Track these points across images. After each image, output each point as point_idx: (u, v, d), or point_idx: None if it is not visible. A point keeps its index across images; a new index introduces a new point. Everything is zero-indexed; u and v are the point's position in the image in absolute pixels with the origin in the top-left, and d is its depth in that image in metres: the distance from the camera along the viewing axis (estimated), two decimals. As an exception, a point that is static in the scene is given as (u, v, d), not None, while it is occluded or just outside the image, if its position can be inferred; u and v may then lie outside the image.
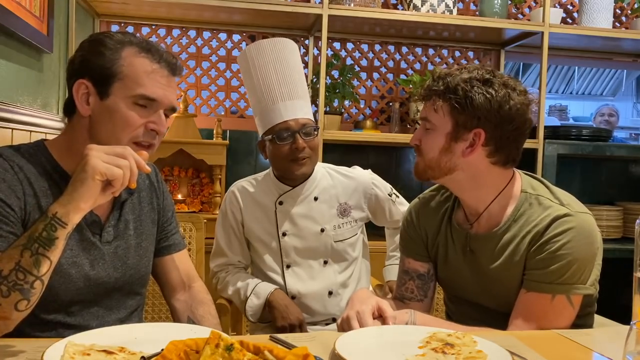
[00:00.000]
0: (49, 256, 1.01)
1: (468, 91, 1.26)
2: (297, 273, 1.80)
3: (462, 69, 1.31)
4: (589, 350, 1.08)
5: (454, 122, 1.28)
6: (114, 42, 1.18)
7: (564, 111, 6.57)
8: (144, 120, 1.18)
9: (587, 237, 1.25)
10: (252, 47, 1.77)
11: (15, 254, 1.00)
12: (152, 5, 2.68)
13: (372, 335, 1.12)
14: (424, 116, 1.34)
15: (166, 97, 1.19)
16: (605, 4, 2.97)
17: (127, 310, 1.31)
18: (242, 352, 0.81)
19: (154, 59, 1.18)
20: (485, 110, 1.25)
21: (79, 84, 1.17)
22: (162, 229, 1.41)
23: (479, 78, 1.27)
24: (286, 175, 1.76)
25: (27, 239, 1.01)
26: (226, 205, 1.84)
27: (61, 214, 1.03)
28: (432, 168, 1.34)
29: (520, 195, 1.34)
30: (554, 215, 1.26)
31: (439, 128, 1.30)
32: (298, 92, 1.73)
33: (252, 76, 1.75)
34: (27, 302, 1.01)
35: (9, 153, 1.16)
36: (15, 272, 0.98)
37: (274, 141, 1.70)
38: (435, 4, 2.81)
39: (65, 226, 1.03)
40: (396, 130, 3.03)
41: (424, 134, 1.35)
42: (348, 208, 1.82)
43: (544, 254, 1.25)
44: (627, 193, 3.33)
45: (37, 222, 1.03)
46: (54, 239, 1.02)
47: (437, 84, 1.31)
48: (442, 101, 1.29)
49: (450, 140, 1.29)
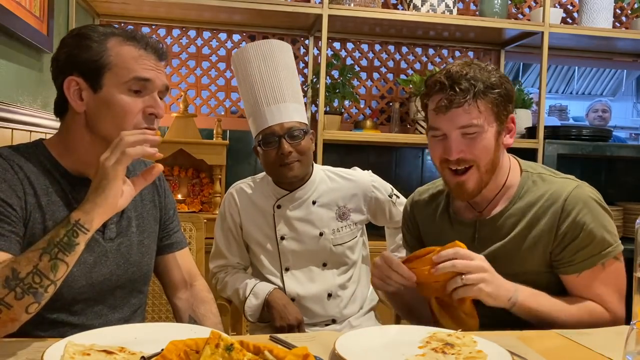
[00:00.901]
0: (67, 261, 1.03)
1: (502, 82, 1.28)
2: (296, 276, 1.79)
3: (463, 65, 1.29)
4: (589, 350, 1.08)
5: (497, 116, 1.28)
6: (98, 34, 1.17)
7: (564, 111, 6.56)
8: (141, 106, 1.18)
9: (600, 202, 1.32)
10: (237, 53, 1.78)
11: (34, 257, 1.01)
12: (152, 5, 2.68)
13: (372, 336, 1.12)
14: (467, 123, 1.25)
15: (158, 78, 1.20)
16: (605, 4, 2.97)
17: (130, 309, 1.31)
18: (242, 352, 0.82)
19: (140, 45, 1.19)
20: (510, 94, 1.30)
21: (69, 81, 1.17)
22: (164, 227, 1.41)
23: (491, 70, 1.30)
24: (279, 179, 1.76)
25: (47, 243, 1.02)
26: (225, 208, 1.83)
27: (84, 221, 1.04)
28: (488, 172, 1.30)
29: (522, 174, 1.37)
30: (565, 194, 1.30)
31: (487, 128, 1.27)
32: (284, 95, 1.71)
33: (240, 80, 1.77)
34: (37, 305, 1.02)
35: (8, 153, 1.16)
36: (32, 275, 0.99)
37: (261, 146, 1.71)
38: (435, 4, 2.81)
39: (87, 232, 1.05)
40: (396, 130, 3.03)
41: (467, 141, 1.27)
42: (347, 211, 1.81)
43: (575, 239, 1.28)
44: (627, 193, 3.32)
45: (58, 228, 1.04)
46: (75, 244, 1.04)
47: (470, 84, 1.25)
48: (485, 99, 1.26)
49: (497, 134, 1.29)
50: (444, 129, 1.28)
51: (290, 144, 1.67)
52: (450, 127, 1.27)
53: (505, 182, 1.37)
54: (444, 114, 1.26)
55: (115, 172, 1.06)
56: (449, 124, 1.27)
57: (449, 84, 1.26)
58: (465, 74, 1.26)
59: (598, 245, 1.28)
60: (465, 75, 1.26)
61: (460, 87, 1.24)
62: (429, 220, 1.49)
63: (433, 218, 1.48)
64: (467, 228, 1.40)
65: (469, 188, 1.30)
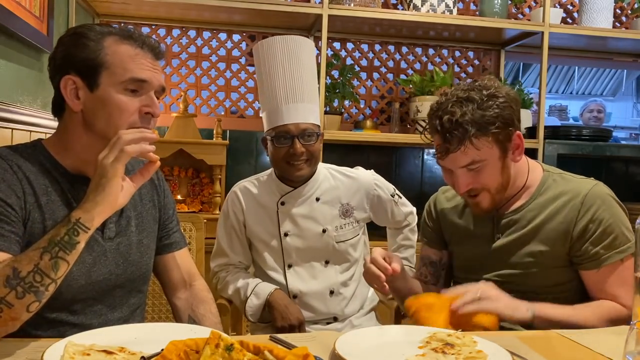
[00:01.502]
0: (67, 260, 1.03)
1: (495, 111, 1.29)
2: (299, 273, 1.80)
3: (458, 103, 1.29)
4: (589, 350, 1.08)
5: (499, 144, 1.31)
6: (95, 33, 1.17)
7: (564, 111, 6.57)
8: (138, 105, 1.17)
9: (616, 199, 1.38)
10: (263, 42, 1.76)
11: (35, 256, 1.01)
12: (152, 5, 2.68)
13: (372, 336, 1.12)
14: (467, 163, 1.30)
15: (155, 78, 1.19)
16: (605, 4, 2.97)
17: (130, 309, 1.31)
18: (242, 352, 0.82)
19: (137, 44, 1.18)
20: (512, 116, 1.32)
21: (66, 80, 1.17)
22: (163, 226, 1.41)
23: (485, 95, 1.30)
24: (284, 175, 1.77)
25: (47, 242, 1.02)
26: (228, 206, 1.83)
27: (85, 219, 1.05)
28: (500, 192, 1.37)
29: (544, 173, 1.44)
30: (584, 191, 1.36)
31: (489, 158, 1.31)
32: (304, 95, 1.71)
33: (262, 72, 1.76)
34: (38, 303, 1.02)
35: (7, 153, 1.16)
36: (33, 274, 0.99)
37: (273, 142, 1.71)
38: (435, 4, 2.81)
39: (87, 230, 1.05)
40: (396, 130, 3.03)
41: (472, 175, 1.33)
42: (350, 209, 1.82)
43: (594, 234, 1.33)
44: (627, 193, 3.32)
45: (59, 227, 1.04)
46: (76, 243, 1.04)
47: (462, 129, 1.27)
48: (481, 138, 1.28)
49: (502, 158, 1.33)
50: (448, 167, 1.36)
51: (303, 144, 1.68)
52: (453, 167, 1.34)
53: (525, 183, 1.43)
54: (445, 158, 1.33)
55: (115, 170, 1.06)
56: (451, 164, 1.34)
57: (442, 132, 1.30)
58: (458, 119, 1.27)
59: (617, 240, 1.33)
60: (458, 120, 1.27)
61: (453, 135, 1.28)
62: (452, 215, 1.55)
63: (455, 213, 1.54)
64: (487, 223, 1.45)
65: (483, 207, 1.38)
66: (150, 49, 1.20)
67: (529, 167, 1.44)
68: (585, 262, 1.35)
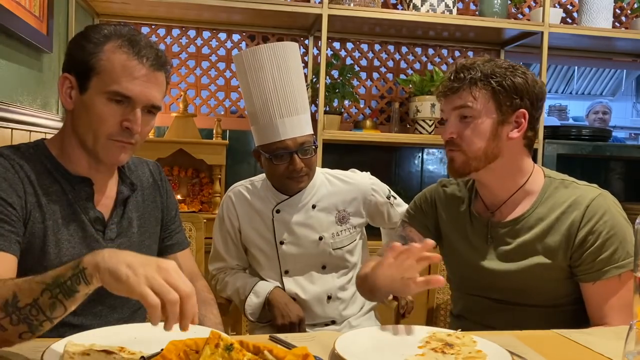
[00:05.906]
0: (65, 305, 0.95)
1: (507, 74, 1.29)
2: (296, 279, 1.79)
3: (478, 59, 1.34)
4: (589, 350, 1.08)
5: (498, 105, 1.30)
6: (100, 35, 1.16)
7: (564, 111, 6.57)
8: (120, 118, 1.15)
9: (620, 211, 1.33)
10: (249, 52, 1.68)
11: (37, 290, 0.94)
12: (152, 5, 2.68)
13: (372, 336, 1.12)
14: (461, 104, 1.31)
15: (143, 94, 1.15)
16: (605, 4, 2.97)
17: (130, 310, 1.30)
18: (241, 352, 0.82)
19: (135, 53, 1.15)
20: (525, 90, 1.30)
21: (63, 78, 1.18)
22: (165, 227, 1.41)
23: (503, 64, 1.32)
24: (284, 190, 1.75)
25: (52, 280, 0.94)
26: (223, 211, 1.81)
27: (89, 273, 0.93)
28: (477, 158, 1.33)
29: (545, 179, 1.39)
30: (587, 201, 1.31)
31: (483, 114, 1.30)
32: (298, 107, 1.66)
33: (249, 85, 1.67)
34: (31, 334, 0.96)
35: (9, 152, 1.16)
36: (30, 308, 0.94)
37: (270, 160, 1.67)
38: (435, 4, 2.81)
39: (88, 284, 0.94)
40: (396, 130, 3.03)
41: (462, 125, 1.32)
42: (347, 215, 1.79)
43: (594, 245, 1.28)
44: (627, 193, 3.33)
45: (69, 267, 0.94)
46: (75, 292, 0.94)
47: (469, 73, 1.30)
48: (481, 87, 1.29)
49: (497, 124, 1.31)
50: (445, 112, 1.36)
51: (302, 159, 1.66)
52: (448, 108, 1.35)
53: (524, 186, 1.37)
54: (444, 99, 1.35)
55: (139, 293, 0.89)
56: (447, 106, 1.35)
57: (452, 71, 1.33)
58: (470, 65, 1.31)
59: (616, 255, 1.27)
60: (470, 65, 1.31)
61: (458, 76, 1.31)
62: (452, 211, 1.49)
63: (456, 211, 1.49)
64: (482, 228, 1.42)
65: (454, 165, 1.35)
66: (149, 60, 1.16)
67: (533, 170, 1.39)
68: (583, 274, 1.30)
